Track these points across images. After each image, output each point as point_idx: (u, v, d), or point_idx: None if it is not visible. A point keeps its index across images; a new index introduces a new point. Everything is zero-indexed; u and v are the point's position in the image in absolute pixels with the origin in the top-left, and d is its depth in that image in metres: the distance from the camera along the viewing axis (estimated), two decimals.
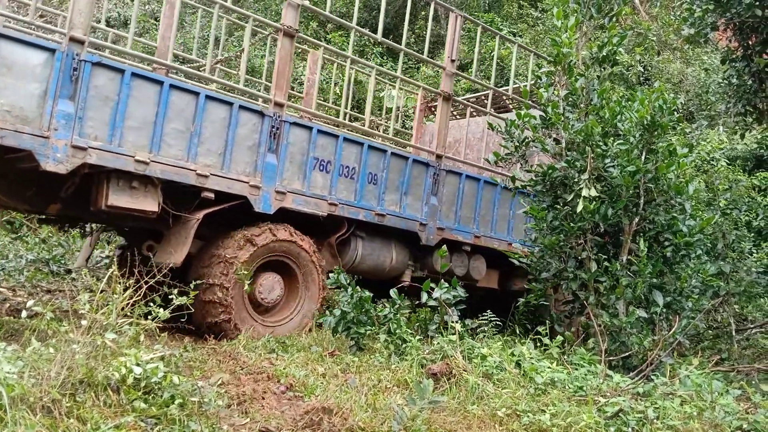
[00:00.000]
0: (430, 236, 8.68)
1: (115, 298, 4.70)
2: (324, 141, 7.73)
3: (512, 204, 9.42)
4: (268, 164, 7.22)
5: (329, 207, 7.72)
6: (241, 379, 5.48)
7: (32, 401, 3.82)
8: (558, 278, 7.21)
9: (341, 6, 18.04)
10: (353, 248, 8.24)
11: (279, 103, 7.39)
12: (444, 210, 8.87)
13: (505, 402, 5.13)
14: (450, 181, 8.99)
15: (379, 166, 8.24)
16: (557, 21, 7.41)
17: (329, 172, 7.76)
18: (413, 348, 6.18)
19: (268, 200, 7.22)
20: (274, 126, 7.25)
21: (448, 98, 9.14)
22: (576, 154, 7.03)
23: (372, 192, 8.16)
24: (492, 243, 9.29)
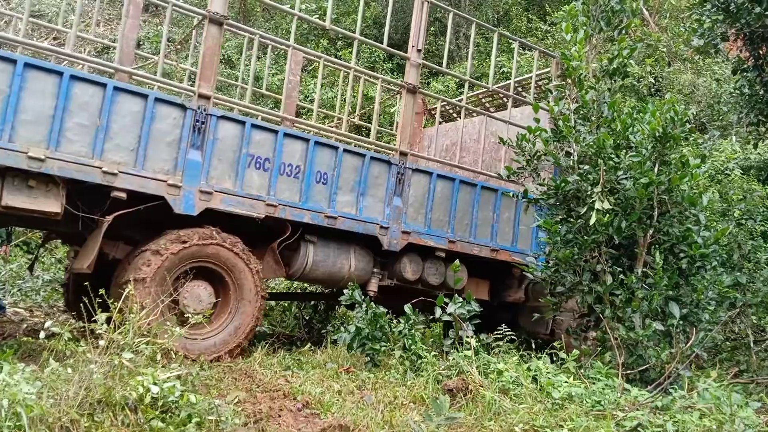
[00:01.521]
0: (393, 241, 7.99)
1: (132, 317, 4.73)
2: (261, 137, 7.15)
3: (496, 206, 8.86)
4: (191, 162, 6.67)
5: (267, 208, 7.11)
6: (257, 396, 5.49)
7: (51, 422, 3.85)
8: (573, 291, 7.17)
9: (350, 23, 18.16)
10: (303, 254, 7.61)
11: (204, 95, 6.85)
12: (411, 212, 8.20)
13: (522, 417, 5.10)
14: (418, 180, 8.31)
15: (330, 165, 7.60)
16: (566, 35, 7.43)
17: (267, 171, 7.15)
18: (429, 364, 6.17)
19: (191, 201, 6.65)
20: (199, 120, 6.71)
21: (413, 90, 8.44)
22: (588, 167, 7.02)
23: (321, 192, 7.52)
24: (471, 249, 8.62)
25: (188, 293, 6.63)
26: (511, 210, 8.98)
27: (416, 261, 8.29)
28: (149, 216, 6.60)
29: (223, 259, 6.81)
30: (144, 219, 6.66)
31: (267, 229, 7.40)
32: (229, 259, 6.84)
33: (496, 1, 19.97)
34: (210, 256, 6.74)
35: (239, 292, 6.91)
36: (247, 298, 6.93)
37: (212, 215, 6.83)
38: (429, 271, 8.40)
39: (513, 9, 19.83)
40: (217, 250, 6.76)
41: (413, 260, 8.27)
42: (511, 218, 8.97)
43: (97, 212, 6.47)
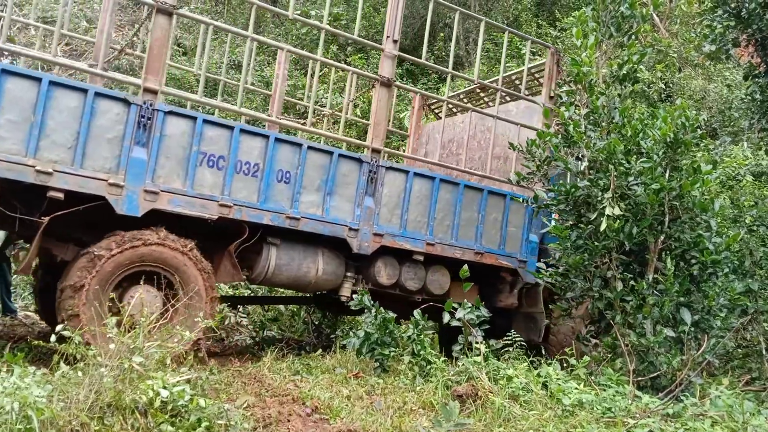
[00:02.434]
0: (363, 243, 7.53)
1: (142, 321, 4.74)
2: (214, 133, 6.72)
3: (482, 206, 8.36)
4: (135, 159, 6.29)
5: (221, 209, 6.71)
6: (266, 401, 5.49)
7: (61, 425, 3.87)
8: (583, 297, 7.14)
9: (360, 29, 18.22)
10: (264, 257, 7.22)
11: (151, 89, 6.46)
12: (385, 213, 7.73)
13: (532, 424, 5.08)
14: (393, 179, 7.83)
15: (293, 163, 7.15)
16: (577, 40, 7.42)
17: (222, 169, 6.75)
18: (438, 369, 6.16)
19: (134, 201, 6.28)
20: (144, 116, 6.33)
21: (387, 84, 7.94)
22: (599, 173, 6.99)
23: (283, 192, 7.09)
24: (453, 252, 8.12)
25: (133, 298, 6.19)
26: (499, 210, 8.54)
27: (392, 265, 7.88)
28: (100, 217, 6.32)
29: (169, 263, 6.44)
30: (94, 220, 6.36)
31: (227, 232, 7.04)
32: (175, 262, 6.47)
33: (505, 7, 19.98)
34: (154, 259, 6.38)
35: (188, 299, 6.46)
36: (197, 302, 6.51)
37: (168, 217, 6.53)
38: (407, 276, 7.99)
39: (522, 15, 19.84)
40: (162, 253, 6.39)
41: (389, 264, 7.86)
42: (498, 219, 8.52)
43: (37, 213, 6.14)
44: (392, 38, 7.89)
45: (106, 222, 6.34)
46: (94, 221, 6.36)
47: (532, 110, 9.05)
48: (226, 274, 7.07)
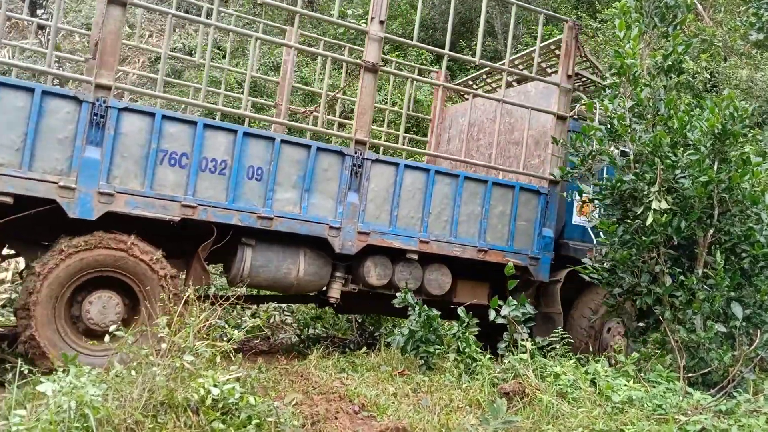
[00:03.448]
0: (347, 243, 7.06)
1: (192, 320, 4.82)
2: (175, 129, 6.35)
3: (486, 199, 7.74)
4: (88, 160, 5.98)
5: (183, 210, 6.35)
6: (313, 399, 5.54)
7: (117, 423, 3.96)
8: (631, 293, 7.03)
9: (397, 27, 18.19)
10: (239, 259, 6.87)
11: (103, 85, 6.11)
12: (371, 209, 7.23)
13: (581, 421, 5.03)
14: (381, 172, 7.31)
15: (265, 158, 6.73)
16: (619, 32, 7.30)
17: (185, 167, 6.38)
18: (484, 367, 6.14)
19: (88, 204, 5.97)
20: (97, 113, 6.01)
21: (373, 69, 7.30)
22: (645, 166, 6.87)
23: (254, 190, 6.69)
24: (451, 250, 7.58)
25: (91, 305, 6.10)
26: (507, 203, 7.90)
27: (383, 264, 7.41)
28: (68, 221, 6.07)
29: (126, 267, 6.16)
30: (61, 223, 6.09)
31: (202, 233, 6.73)
32: (133, 266, 6.17)
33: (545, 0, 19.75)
34: (110, 264, 6.11)
35: (151, 302, 6.17)
36: (160, 307, 6.11)
37: (140, 220, 6.29)
38: (401, 276, 7.47)
39: (562, 7, 19.56)
40: (117, 258, 6.11)
41: (379, 264, 7.39)
42: (506, 213, 7.89)
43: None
44: (378, 19, 7.27)
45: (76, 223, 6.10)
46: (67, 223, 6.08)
47: (552, 90, 8.47)
48: (196, 277, 6.77)
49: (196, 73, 15.52)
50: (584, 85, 9.27)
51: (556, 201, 8.12)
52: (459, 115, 10.23)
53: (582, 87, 9.31)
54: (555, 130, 8.11)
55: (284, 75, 9.98)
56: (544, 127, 8.26)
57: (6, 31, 16.20)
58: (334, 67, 17.10)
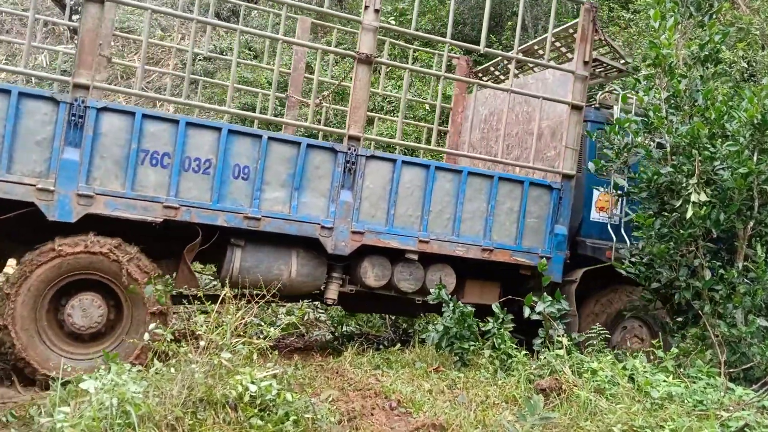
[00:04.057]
0: (340, 242, 6.80)
1: (228, 318, 4.87)
2: (157, 128, 6.20)
3: (492, 195, 7.35)
4: (66, 162, 5.88)
5: (165, 211, 6.20)
6: (349, 395, 5.58)
7: (157, 419, 4.02)
8: (669, 288, 6.92)
9: (425, 23, 18.13)
10: (228, 260, 6.68)
11: (82, 84, 5.98)
12: (366, 208, 6.95)
13: (620, 418, 4.97)
14: (377, 169, 7.00)
15: (252, 156, 6.51)
16: (654, 22, 7.18)
17: (167, 167, 6.22)
18: (519, 363, 6.10)
19: (67, 206, 5.88)
20: (75, 114, 5.90)
21: (367, 61, 6.93)
22: (682, 158, 6.76)
23: (241, 189, 6.48)
24: (453, 249, 7.23)
25: (73, 308, 6.02)
26: (516, 200, 7.49)
27: (381, 265, 7.12)
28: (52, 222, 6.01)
29: (106, 269, 6.02)
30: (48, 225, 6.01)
31: (188, 235, 6.57)
32: (113, 268, 6.03)
33: None
34: (89, 266, 5.97)
35: (133, 303, 6.11)
36: (140, 313, 6.12)
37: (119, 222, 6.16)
38: (400, 276, 7.18)
39: None
40: (95, 260, 5.97)
41: (377, 264, 7.11)
42: (515, 210, 7.49)
43: None
44: (373, 8, 6.92)
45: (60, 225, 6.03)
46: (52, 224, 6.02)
47: (570, 78, 7.90)
48: (183, 279, 6.64)
49: (227, 74, 15.67)
50: (606, 72, 8.80)
51: (571, 196, 7.64)
52: (479, 103, 9.88)
53: (604, 73, 8.86)
54: (570, 120, 7.63)
55: (295, 67, 9.81)
56: (560, 117, 7.80)
57: (43, 36, 16.56)
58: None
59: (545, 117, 8.03)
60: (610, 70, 8.68)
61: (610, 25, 17.26)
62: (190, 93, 11.48)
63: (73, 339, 6.07)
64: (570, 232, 7.70)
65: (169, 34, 17.56)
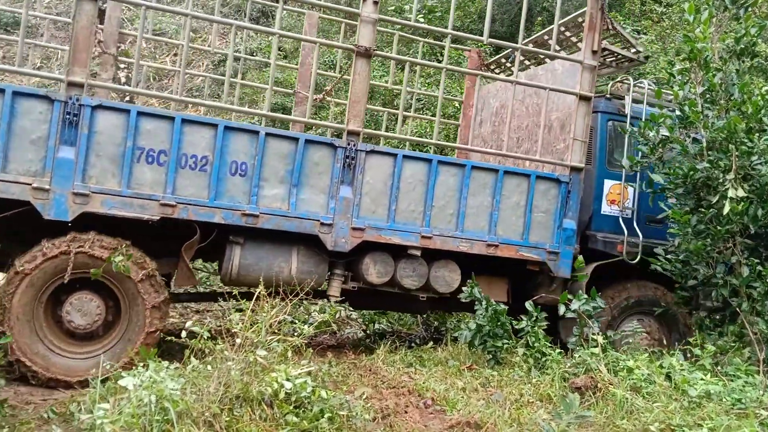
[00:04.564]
0: (340, 239, 6.71)
1: (263, 316, 4.92)
2: (153, 126, 6.16)
3: (497, 189, 7.20)
4: (62, 160, 5.88)
5: (162, 209, 6.17)
6: (383, 393, 5.59)
7: (195, 416, 4.08)
8: (706, 285, 6.81)
9: (456, 20, 18.08)
10: (228, 258, 6.65)
11: (76, 83, 5.98)
12: (367, 204, 6.85)
13: (657, 416, 4.92)
14: (378, 164, 6.89)
15: (250, 152, 6.45)
16: (689, 16, 7.07)
17: (163, 165, 6.20)
18: (554, 361, 6.06)
19: (63, 204, 5.88)
20: (70, 112, 5.89)
21: (366, 54, 6.81)
22: (719, 153, 6.65)
23: (238, 186, 6.44)
24: (457, 245, 7.08)
25: (71, 307, 6.03)
26: (522, 194, 7.31)
27: (384, 261, 7.02)
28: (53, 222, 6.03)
29: (109, 271, 6.00)
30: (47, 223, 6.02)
31: (187, 233, 6.51)
32: (118, 276, 6.02)
33: None
34: (85, 265, 5.95)
35: (130, 303, 6.11)
36: (137, 313, 6.11)
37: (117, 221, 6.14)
38: (403, 273, 7.06)
39: None
40: (89, 259, 5.95)
41: (379, 261, 7.01)
42: (521, 204, 7.31)
43: None
44: (371, 0, 6.79)
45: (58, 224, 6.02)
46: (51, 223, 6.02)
47: (578, 68, 7.72)
48: (182, 277, 6.65)
49: (258, 74, 15.80)
50: (617, 62, 8.62)
51: (580, 190, 7.45)
52: (491, 96, 9.80)
53: (615, 63, 8.67)
54: (578, 111, 7.44)
55: (302, 62, 9.72)
56: (570, 108, 7.62)
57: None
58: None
59: (555, 109, 7.90)
60: (621, 60, 8.48)
61: (643, 19, 17.03)
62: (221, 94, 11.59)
63: (71, 338, 6.10)
64: (580, 226, 7.57)
65: (200, 35, 17.74)
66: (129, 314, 6.12)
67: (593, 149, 7.71)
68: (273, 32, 7.06)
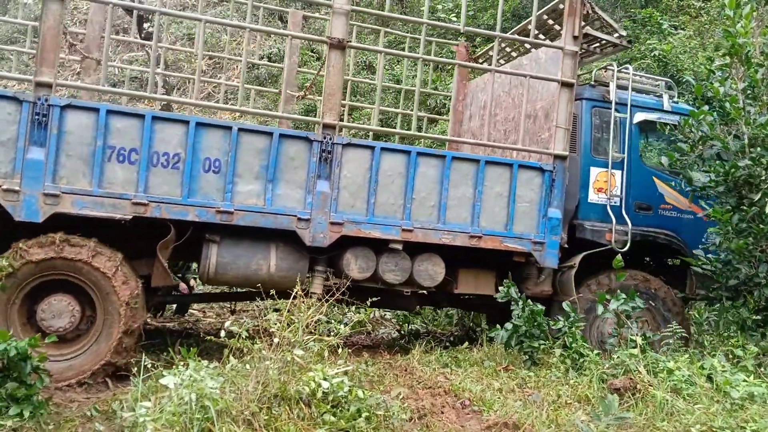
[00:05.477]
0: (318, 234, 6.57)
1: (300, 315, 4.95)
2: (123, 124, 6.07)
3: (479, 180, 7.04)
4: (31, 161, 5.82)
5: (134, 208, 6.08)
6: (418, 393, 5.58)
7: (234, 414, 4.13)
8: (748, 285, 6.67)
9: (489, 18, 17.98)
10: (205, 256, 6.55)
11: (44, 83, 5.91)
12: (345, 198, 6.73)
13: (699, 418, 4.84)
14: (355, 157, 6.76)
15: (223, 149, 6.35)
16: (729, 10, 6.93)
17: (135, 163, 6.11)
18: (592, 362, 5.99)
19: (33, 206, 5.82)
20: (39, 113, 5.83)
21: (340, 46, 6.70)
22: (761, 150, 6.51)
23: (212, 183, 6.33)
24: (439, 237, 6.93)
25: (46, 309, 5.94)
26: (505, 184, 7.15)
27: (365, 256, 6.89)
28: None
29: (77, 269, 5.92)
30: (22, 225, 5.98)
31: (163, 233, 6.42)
32: (89, 271, 5.94)
33: None
34: (59, 267, 5.89)
35: (106, 304, 6.00)
36: (112, 314, 6.00)
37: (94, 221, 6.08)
38: (386, 267, 6.93)
39: None
40: (77, 263, 5.91)
41: (360, 255, 6.88)
42: (504, 194, 7.15)
43: None
44: None
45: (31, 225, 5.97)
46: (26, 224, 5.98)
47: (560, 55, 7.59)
48: (158, 277, 6.53)
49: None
50: (602, 47, 8.37)
51: (564, 178, 7.29)
52: (479, 90, 9.71)
53: (600, 49, 8.43)
54: (560, 98, 7.29)
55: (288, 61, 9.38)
56: (554, 96, 7.46)
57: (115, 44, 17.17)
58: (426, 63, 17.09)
59: (539, 98, 7.80)
60: (605, 46, 8.34)
61: (680, 14, 16.75)
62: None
63: None
64: (567, 216, 7.43)
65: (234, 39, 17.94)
66: (104, 311, 6.01)
67: (578, 137, 7.62)
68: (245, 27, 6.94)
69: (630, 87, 7.64)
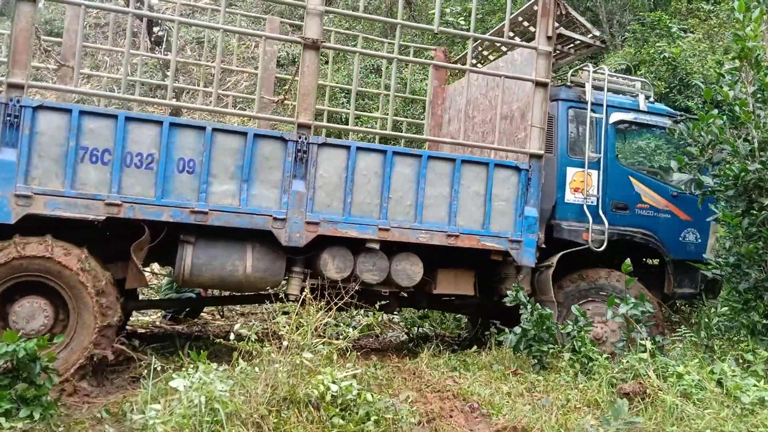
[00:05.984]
0: (294, 234, 6.55)
1: (309, 319, 4.97)
2: (96, 125, 6.06)
3: (455, 179, 7.08)
4: (2, 162, 5.81)
5: (108, 209, 6.04)
6: (427, 396, 5.59)
7: (244, 417, 4.16)
8: (759, 289, 6.64)
9: (497, 21, 17.99)
10: (180, 258, 6.51)
11: (15, 84, 5.91)
12: (321, 197, 6.72)
13: (708, 423, 4.82)
14: (331, 157, 6.77)
15: (197, 149, 6.34)
16: (739, 14, 6.91)
17: (108, 164, 6.08)
18: (601, 367, 5.97)
19: (5, 207, 5.79)
20: (10, 114, 5.82)
21: (314, 46, 6.70)
22: None
23: (186, 184, 6.31)
24: (416, 237, 6.95)
25: (18, 312, 5.92)
26: (481, 183, 7.19)
27: (342, 256, 6.87)
28: None
29: (56, 274, 5.92)
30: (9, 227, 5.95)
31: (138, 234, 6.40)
32: (63, 273, 5.92)
33: None
34: (29, 269, 5.88)
35: (78, 310, 5.99)
36: (85, 317, 5.98)
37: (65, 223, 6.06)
38: (363, 267, 6.90)
39: None
40: (51, 264, 5.89)
41: (337, 255, 6.85)
42: (481, 193, 7.18)
43: None
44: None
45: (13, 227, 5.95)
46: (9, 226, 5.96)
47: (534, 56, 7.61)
48: (132, 278, 6.49)
49: None
50: (576, 48, 8.45)
51: (540, 177, 7.32)
52: (457, 93, 9.70)
53: (574, 50, 8.50)
54: (535, 98, 7.35)
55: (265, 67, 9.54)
56: (529, 97, 7.50)
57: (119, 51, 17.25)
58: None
59: (515, 99, 7.82)
60: (579, 47, 8.40)
61: (689, 17, 16.70)
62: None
63: None
64: (544, 216, 7.47)
65: (244, 42, 18.01)
66: (77, 307, 6.00)
67: (555, 138, 7.65)
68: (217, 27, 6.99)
69: (606, 87, 7.74)
